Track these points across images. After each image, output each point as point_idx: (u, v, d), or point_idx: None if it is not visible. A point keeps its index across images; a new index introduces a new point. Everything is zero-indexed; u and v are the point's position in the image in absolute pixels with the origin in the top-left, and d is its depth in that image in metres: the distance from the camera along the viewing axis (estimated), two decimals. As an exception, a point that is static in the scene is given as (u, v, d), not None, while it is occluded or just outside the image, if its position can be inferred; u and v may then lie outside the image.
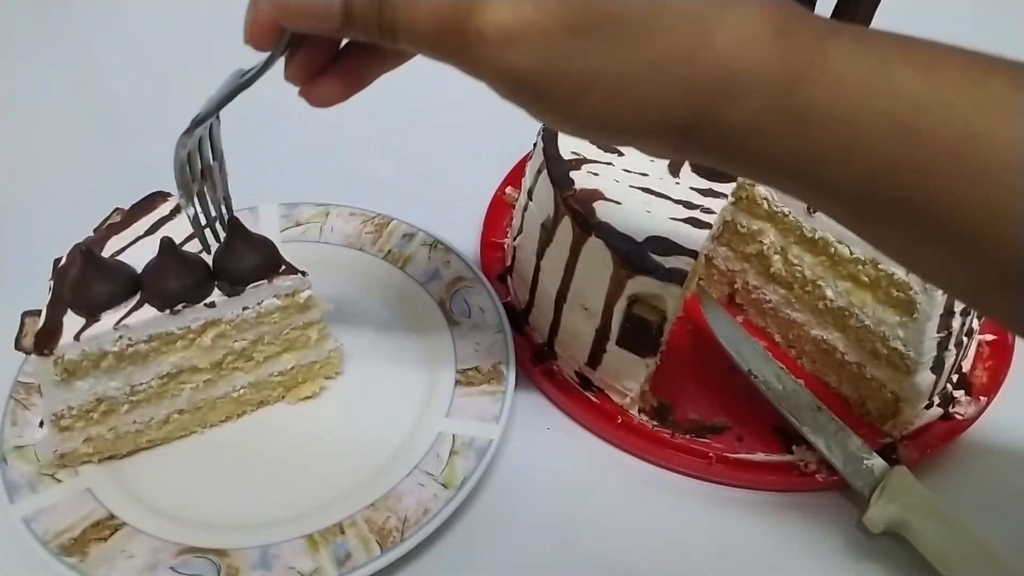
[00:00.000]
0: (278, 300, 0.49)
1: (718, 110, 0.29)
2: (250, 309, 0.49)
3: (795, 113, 0.28)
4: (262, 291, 0.48)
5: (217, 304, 0.47)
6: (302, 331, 0.51)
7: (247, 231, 0.47)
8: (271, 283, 0.48)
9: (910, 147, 0.28)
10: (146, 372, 0.48)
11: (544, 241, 0.54)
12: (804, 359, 0.58)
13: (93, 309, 0.45)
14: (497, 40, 0.28)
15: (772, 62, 0.28)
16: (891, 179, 0.28)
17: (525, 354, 0.57)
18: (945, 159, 0.27)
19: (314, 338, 0.52)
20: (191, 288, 0.46)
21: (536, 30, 0.28)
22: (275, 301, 0.49)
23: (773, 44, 0.28)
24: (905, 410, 0.53)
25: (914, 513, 0.47)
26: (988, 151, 0.27)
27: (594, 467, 0.53)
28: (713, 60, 0.28)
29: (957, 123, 0.27)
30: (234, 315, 0.48)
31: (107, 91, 0.83)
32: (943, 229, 0.29)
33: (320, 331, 0.52)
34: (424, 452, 0.50)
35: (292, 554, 0.45)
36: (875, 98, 0.28)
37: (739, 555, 0.49)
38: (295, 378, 0.53)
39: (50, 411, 0.47)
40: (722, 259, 0.60)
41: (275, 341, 0.51)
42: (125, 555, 0.45)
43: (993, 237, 0.28)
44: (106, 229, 0.50)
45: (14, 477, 0.47)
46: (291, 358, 0.52)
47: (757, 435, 0.53)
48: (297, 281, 0.49)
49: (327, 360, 0.54)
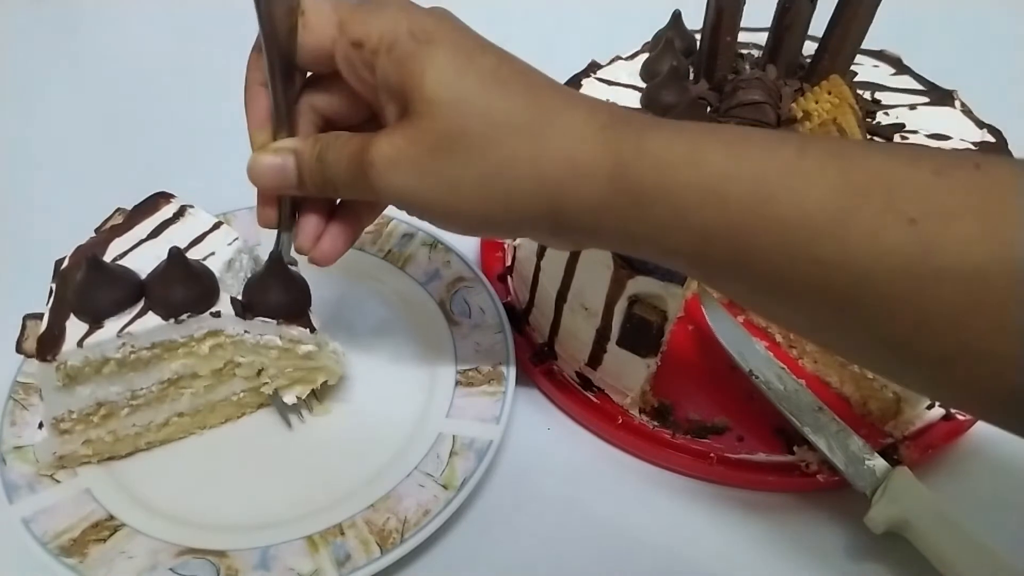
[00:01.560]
0: (279, 341, 0.49)
1: (570, 194, 0.35)
2: (251, 335, 0.48)
3: (629, 192, 0.34)
4: (268, 327, 0.48)
5: (222, 315, 0.47)
6: (300, 360, 0.51)
7: (288, 271, 0.47)
8: (278, 324, 0.48)
9: (724, 212, 0.33)
10: (147, 378, 0.48)
11: (544, 241, 0.54)
12: (805, 359, 0.58)
13: (97, 316, 0.45)
14: (382, 167, 0.37)
15: (600, 152, 0.35)
16: (716, 241, 0.33)
17: (525, 354, 0.56)
18: (752, 219, 0.32)
19: (312, 364, 0.51)
20: (196, 298, 0.46)
21: (406, 155, 0.37)
22: (276, 340, 0.49)
23: (600, 136, 0.35)
24: (906, 410, 0.53)
25: (915, 514, 0.46)
26: (783, 209, 0.32)
27: (595, 467, 0.53)
28: (552, 157, 0.35)
29: (757, 190, 0.32)
30: (235, 332, 0.48)
31: (108, 91, 0.83)
32: (766, 280, 0.34)
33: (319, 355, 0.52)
34: (424, 453, 0.50)
35: (291, 555, 0.45)
36: (689, 173, 0.33)
37: (740, 556, 0.49)
38: (292, 376, 0.53)
39: (50, 415, 0.47)
40: (723, 259, 0.60)
41: (272, 366, 0.51)
42: (124, 556, 0.44)
43: (799, 280, 0.32)
44: (108, 230, 0.50)
45: (13, 478, 0.47)
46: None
47: (758, 435, 0.53)
48: (303, 335, 0.48)
49: (326, 367, 0.53)
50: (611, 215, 0.35)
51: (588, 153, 0.35)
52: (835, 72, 0.53)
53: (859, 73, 0.58)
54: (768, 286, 0.34)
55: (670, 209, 0.34)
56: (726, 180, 0.33)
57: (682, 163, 0.34)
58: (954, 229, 0.29)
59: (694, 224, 0.34)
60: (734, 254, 0.33)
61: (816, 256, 0.31)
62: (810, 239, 0.31)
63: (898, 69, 0.60)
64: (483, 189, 0.36)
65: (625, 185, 0.34)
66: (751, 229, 0.32)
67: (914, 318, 0.30)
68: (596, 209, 0.35)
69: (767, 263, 0.33)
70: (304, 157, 0.41)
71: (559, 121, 0.36)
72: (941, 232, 0.29)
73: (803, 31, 0.55)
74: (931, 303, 0.30)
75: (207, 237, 0.50)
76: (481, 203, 0.37)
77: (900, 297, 0.30)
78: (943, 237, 0.29)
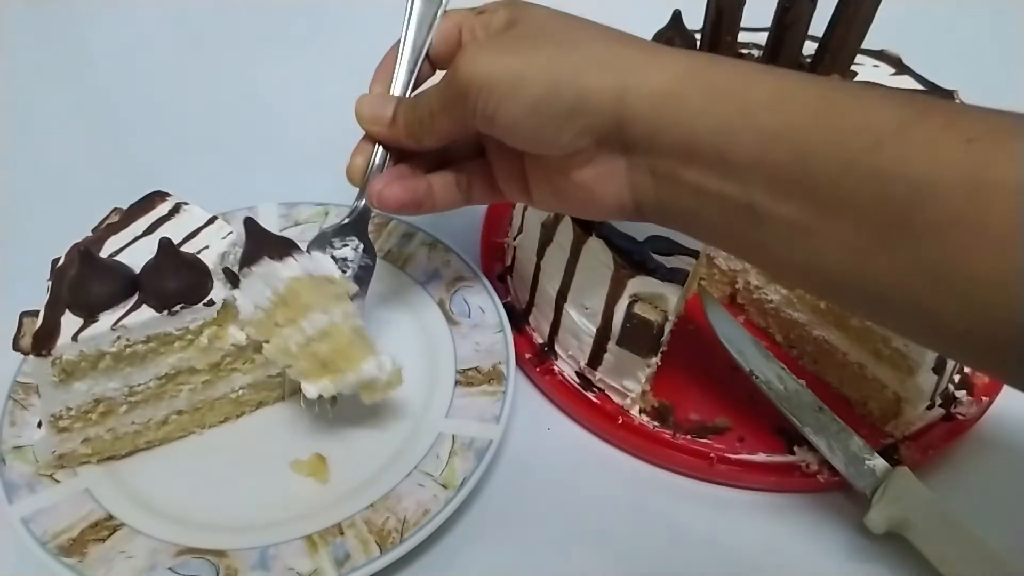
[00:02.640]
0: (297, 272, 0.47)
1: (639, 77, 0.37)
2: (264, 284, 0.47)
3: (701, 85, 0.36)
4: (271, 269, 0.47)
5: (216, 302, 0.47)
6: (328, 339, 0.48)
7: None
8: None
9: (790, 115, 0.34)
10: (144, 373, 0.48)
11: (544, 240, 0.54)
12: (806, 359, 0.58)
13: (91, 310, 0.45)
14: (467, 58, 0.40)
15: (677, 54, 0.38)
16: (778, 144, 0.34)
17: (525, 354, 0.56)
18: (817, 123, 0.34)
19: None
20: (189, 289, 0.46)
21: (489, 44, 0.42)
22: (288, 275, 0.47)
23: (678, 52, 0.39)
24: (907, 410, 0.53)
25: (916, 514, 0.46)
26: (848, 117, 0.33)
27: (595, 468, 0.53)
28: (628, 47, 0.39)
29: (826, 96, 0.34)
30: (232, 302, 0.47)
31: (105, 90, 0.83)
32: (820, 192, 0.34)
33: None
34: (424, 452, 0.50)
35: (291, 555, 0.45)
36: (762, 77, 0.36)
37: (740, 556, 0.49)
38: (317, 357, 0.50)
39: (48, 412, 0.46)
40: (723, 259, 0.60)
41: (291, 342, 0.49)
42: (124, 556, 0.44)
43: (856, 190, 0.33)
44: (104, 229, 0.50)
45: (13, 478, 0.47)
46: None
47: (758, 436, 0.53)
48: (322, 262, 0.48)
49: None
50: (677, 106, 0.36)
51: (665, 50, 0.39)
52: (835, 72, 0.53)
53: (859, 73, 0.57)
54: (822, 199, 0.34)
55: (739, 106, 0.35)
56: (797, 87, 0.35)
57: (753, 70, 0.36)
58: (1009, 146, 0.30)
59: (761, 123, 0.34)
60: (794, 160, 0.34)
61: (875, 164, 0.32)
62: (871, 146, 0.32)
63: (898, 69, 0.60)
64: (554, 61, 0.38)
65: (699, 79, 0.36)
66: (815, 133, 0.33)
67: (967, 236, 0.30)
68: (664, 96, 0.36)
69: (825, 174, 0.33)
70: (403, 101, 0.47)
71: (637, 43, 0.40)
72: (997, 149, 0.30)
73: (803, 31, 0.55)
74: (986, 217, 0.30)
75: (201, 232, 0.49)
76: (550, 72, 0.38)
77: (955, 212, 0.30)
78: (999, 153, 0.30)
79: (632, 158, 0.39)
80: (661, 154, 0.38)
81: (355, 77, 0.50)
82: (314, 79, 0.81)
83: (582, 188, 0.41)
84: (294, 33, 0.88)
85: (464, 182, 0.48)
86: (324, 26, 0.90)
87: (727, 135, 0.35)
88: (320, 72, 0.81)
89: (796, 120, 0.34)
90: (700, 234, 0.42)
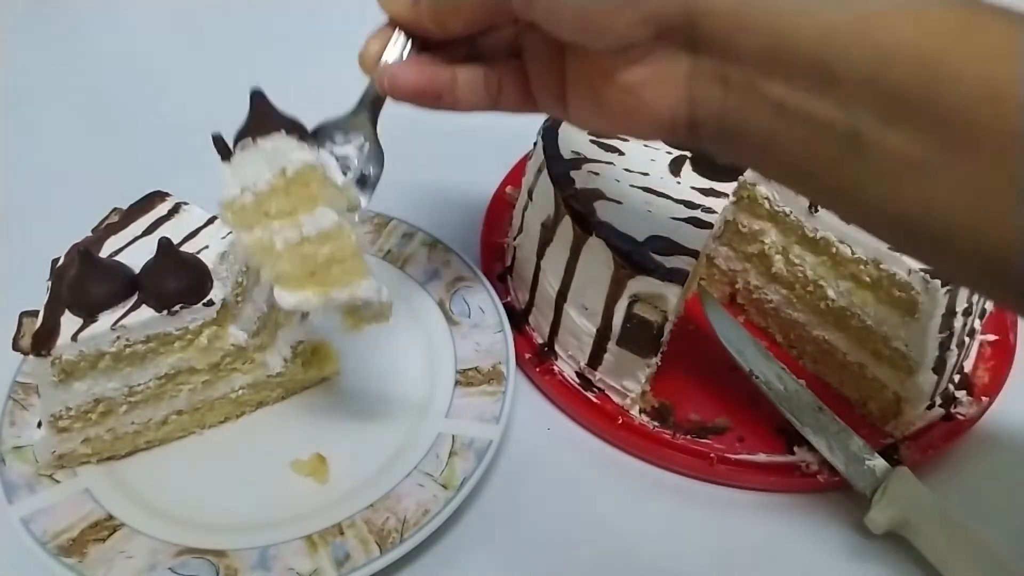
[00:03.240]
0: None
1: None
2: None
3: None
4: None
5: (215, 302, 0.47)
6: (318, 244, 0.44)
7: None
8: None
9: (924, 34, 0.29)
10: (144, 373, 0.48)
11: (544, 240, 0.54)
12: (805, 359, 0.58)
13: (91, 310, 0.45)
14: None
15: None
16: (904, 62, 0.29)
17: (525, 354, 0.56)
18: (892, 22, 0.29)
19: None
20: (189, 289, 0.46)
21: None
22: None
23: None
24: (907, 411, 0.53)
25: (916, 514, 0.46)
26: (916, 25, 0.29)
27: (595, 468, 0.53)
28: None
29: (904, 4, 0.29)
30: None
31: (105, 91, 0.83)
32: (884, 98, 0.29)
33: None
34: (424, 453, 0.50)
35: (291, 555, 0.45)
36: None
37: (740, 556, 0.49)
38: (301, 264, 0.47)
39: (48, 412, 0.47)
40: (723, 259, 0.60)
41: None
42: (124, 556, 0.44)
43: (918, 96, 0.29)
44: (104, 229, 0.50)
45: (12, 478, 0.47)
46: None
47: (758, 436, 0.53)
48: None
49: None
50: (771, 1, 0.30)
51: None
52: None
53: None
54: (952, 131, 0.28)
55: (856, 10, 0.29)
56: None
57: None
58: None
59: (882, 36, 0.29)
60: (922, 82, 0.28)
61: (936, 74, 0.28)
62: (939, 51, 0.28)
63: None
64: None
65: None
66: (954, 52, 0.28)
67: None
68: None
69: (961, 101, 0.28)
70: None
71: None
72: None
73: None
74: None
75: (201, 232, 0.49)
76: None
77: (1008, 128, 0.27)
78: None
79: (699, 60, 0.32)
80: (739, 58, 0.31)
81: (356, 78, 0.50)
82: (314, 79, 0.81)
83: (629, 93, 0.34)
84: (295, 33, 0.88)
85: (494, 83, 0.40)
86: (325, 26, 0.90)
87: (835, 46, 0.29)
88: (320, 72, 0.81)
89: (928, 39, 0.28)
90: (770, 166, 0.34)
